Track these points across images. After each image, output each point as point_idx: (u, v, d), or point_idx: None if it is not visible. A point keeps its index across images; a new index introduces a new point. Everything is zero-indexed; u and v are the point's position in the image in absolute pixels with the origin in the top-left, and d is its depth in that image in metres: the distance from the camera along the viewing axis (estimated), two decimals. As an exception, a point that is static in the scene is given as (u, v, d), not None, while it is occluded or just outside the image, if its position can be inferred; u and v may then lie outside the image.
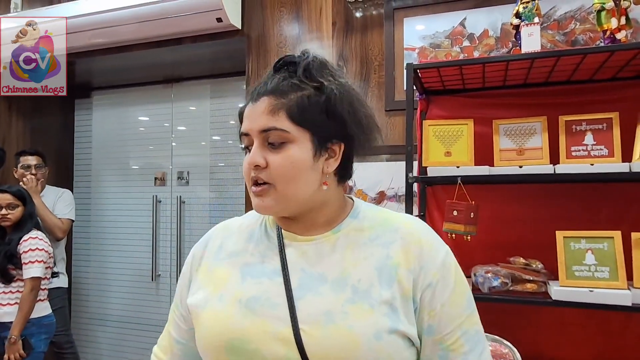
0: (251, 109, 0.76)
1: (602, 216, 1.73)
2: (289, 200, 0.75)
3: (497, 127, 1.75)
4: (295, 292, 0.74)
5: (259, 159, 0.73)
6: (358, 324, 0.69)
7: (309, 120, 0.74)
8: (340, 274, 0.74)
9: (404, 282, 0.73)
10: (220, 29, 2.52)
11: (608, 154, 1.60)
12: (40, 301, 2.37)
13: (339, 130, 0.76)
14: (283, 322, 0.71)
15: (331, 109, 0.74)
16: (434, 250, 0.76)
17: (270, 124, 0.73)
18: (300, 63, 0.76)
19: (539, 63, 1.65)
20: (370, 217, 0.81)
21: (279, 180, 0.73)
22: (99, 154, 3.69)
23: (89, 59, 2.97)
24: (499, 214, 1.85)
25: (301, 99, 0.73)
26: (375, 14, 2.30)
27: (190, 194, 3.36)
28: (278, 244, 0.79)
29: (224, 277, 0.80)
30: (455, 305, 0.75)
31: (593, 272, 1.51)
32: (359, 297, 0.72)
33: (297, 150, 0.73)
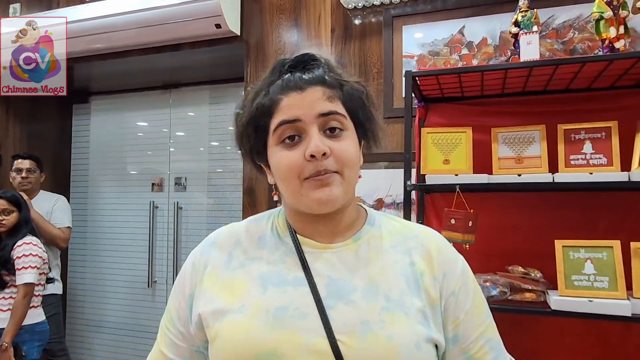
0: (298, 97, 0.70)
1: (601, 225, 1.72)
2: (350, 190, 0.74)
3: (496, 135, 1.75)
4: (325, 302, 0.70)
5: (325, 147, 0.69)
6: (397, 333, 0.67)
7: (356, 112, 0.75)
8: (370, 282, 0.72)
9: (430, 290, 0.72)
10: (219, 35, 2.52)
11: (607, 162, 1.60)
12: (33, 308, 2.35)
13: (369, 127, 0.77)
14: (316, 333, 0.67)
15: (367, 106, 0.77)
16: (453, 259, 0.77)
17: (331, 108, 0.71)
18: (323, 61, 0.75)
19: (538, 71, 1.65)
20: (386, 224, 0.80)
21: (347, 165, 0.71)
22: (96, 159, 3.68)
23: (87, 64, 2.97)
24: (497, 222, 1.84)
25: (351, 91, 0.74)
26: (374, 22, 2.31)
27: (188, 200, 3.35)
28: (297, 251, 0.75)
29: (241, 287, 0.74)
30: (477, 313, 0.75)
31: (592, 281, 1.50)
32: (394, 306, 0.70)
33: (351, 138, 0.73)
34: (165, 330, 0.81)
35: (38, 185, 2.94)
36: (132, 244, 3.47)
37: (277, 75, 0.74)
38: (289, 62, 0.75)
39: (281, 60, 0.76)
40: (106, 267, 3.54)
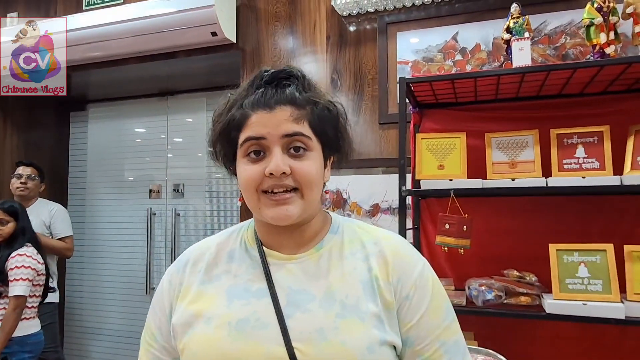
0: (265, 116, 0.73)
1: (594, 229, 1.74)
2: (310, 207, 0.76)
3: (490, 140, 1.77)
4: (285, 311, 0.73)
5: (285, 166, 0.72)
6: (350, 339, 0.70)
7: (324, 132, 0.77)
8: (327, 290, 0.75)
9: (386, 294, 0.75)
10: (215, 42, 2.53)
11: (599, 167, 1.61)
12: (25, 319, 2.32)
13: (339, 145, 0.80)
14: (275, 342, 0.71)
15: (340, 125, 0.79)
16: (411, 263, 0.78)
17: (296, 129, 0.73)
18: (299, 77, 0.77)
19: (530, 77, 1.67)
20: (349, 231, 0.83)
21: (305, 185, 0.74)
22: (94, 166, 3.68)
23: (84, 72, 2.99)
24: (492, 226, 1.85)
25: (321, 111, 0.76)
26: (368, 29, 2.33)
27: (186, 207, 3.36)
28: (262, 263, 0.79)
29: (209, 301, 0.78)
30: (433, 317, 0.76)
31: (586, 285, 1.51)
32: (349, 312, 0.73)
33: (315, 159, 0.75)
34: (148, 346, 0.85)
35: (36, 193, 2.94)
36: (129, 250, 3.47)
37: (253, 89, 0.76)
38: (265, 77, 0.77)
39: (261, 72, 0.78)
40: (104, 274, 3.54)
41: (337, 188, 2.30)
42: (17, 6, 3.21)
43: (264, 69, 0.79)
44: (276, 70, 0.78)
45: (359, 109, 2.31)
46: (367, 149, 2.27)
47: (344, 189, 2.29)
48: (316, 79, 2.54)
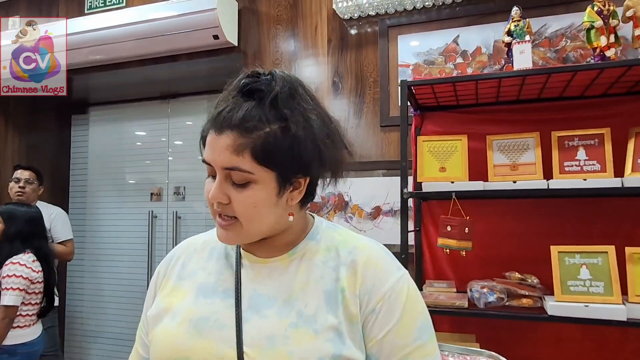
0: (214, 139, 0.70)
1: (595, 231, 1.74)
2: (252, 235, 0.75)
3: (491, 142, 1.77)
4: (244, 314, 0.73)
5: (221, 196, 0.71)
6: (299, 350, 0.68)
7: (274, 161, 0.70)
8: (289, 297, 0.73)
9: (350, 306, 0.72)
10: (217, 45, 2.54)
11: (600, 169, 1.62)
12: (19, 328, 2.28)
13: (304, 168, 0.73)
14: (228, 344, 0.70)
15: (296, 150, 0.71)
16: (383, 275, 0.74)
17: (233, 163, 0.69)
18: (269, 92, 0.70)
19: (531, 80, 1.68)
20: (328, 238, 0.80)
21: (243, 217, 0.72)
22: (95, 169, 3.69)
23: (86, 76, 2.99)
24: (493, 229, 1.85)
25: (266, 138, 0.69)
26: (370, 32, 2.34)
27: (187, 210, 3.36)
28: (235, 264, 0.79)
29: (181, 296, 0.79)
30: (401, 335, 0.71)
31: (588, 287, 1.52)
32: (303, 322, 0.70)
33: (261, 190, 0.71)
34: (140, 331, 0.89)
35: (35, 197, 2.94)
36: (131, 253, 3.47)
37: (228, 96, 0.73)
38: (239, 86, 0.72)
39: (242, 76, 0.73)
40: (105, 278, 3.54)
41: (339, 191, 2.31)
42: (19, 10, 3.22)
43: (247, 73, 0.74)
44: (246, 81, 0.72)
45: (361, 112, 2.31)
46: (368, 152, 2.27)
47: (345, 192, 2.30)
48: (317, 82, 2.53)
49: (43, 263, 2.39)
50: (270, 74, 0.73)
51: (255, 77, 0.72)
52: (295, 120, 0.71)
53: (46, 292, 2.39)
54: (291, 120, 0.70)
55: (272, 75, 0.72)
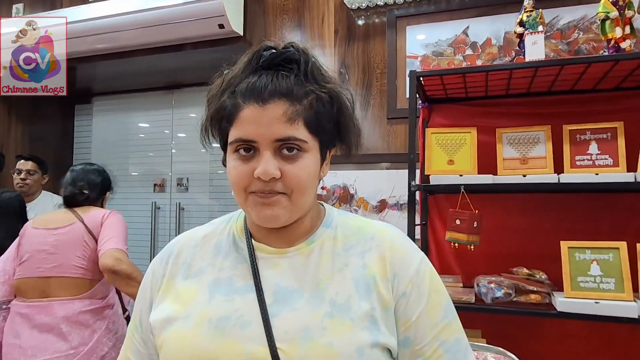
0: (259, 111, 0.66)
1: (605, 227, 1.71)
2: (299, 210, 0.71)
3: (501, 135, 1.74)
4: (270, 309, 0.69)
5: (276, 172, 0.66)
6: (338, 340, 0.66)
7: (322, 129, 0.70)
8: (317, 287, 0.70)
9: (383, 291, 0.70)
10: (222, 35, 2.51)
11: (613, 163, 1.59)
12: None
13: (339, 137, 0.74)
14: (257, 342, 0.66)
15: (340, 118, 0.72)
16: (407, 258, 0.73)
17: (289, 133, 0.66)
18: (304, 62, 0.69)
19: (543, 72, 1.64)
20: (343, 225, 0.78)
21: (296, 190, 0.68)
22: (98, 159, 3.65)
23: (90, 65, 2.97)
24: (502, 223, 1.83)
25: (317, 106, 0.68)
26: (377, 22, 2.30)
27: (190, 201, 3.34)
28: (249, 257, 0.74)
29: (191, 296, 0.73)
30: (431, 315, 0.71)
31: (598, 283, 1.49)
32: (338, 311, 0.68)
33: (311, 159, 0.69)
34: (131, 336, 0.82)
35: (38, 187, 2.93)
36: (134, 244, 3.44)
37: (248, 71, 0.69)
38: (264, 58, 0.69)
39: (260, 50, 0.71)
40: (107, 268, 3.53)
41: (344, 183, 2.28)
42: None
43: (264, 45, 0.71)
44: (276, 52, 0.70)
45: (367, 104, 2.28)
46: (375, 144, 2.25)
47: (351, 184, 2.27)
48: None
49: None
50: (292, 46, 0.71)
51: (283, 49, 0.70)
52: (334, 88, 0.71)
53: None
54: (331, 87, 0.70)
55: (295, 47, 0.71)
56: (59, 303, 1.74)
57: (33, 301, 1.76)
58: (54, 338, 1.71)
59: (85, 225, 1.84)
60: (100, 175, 2.06)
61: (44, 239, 1.82)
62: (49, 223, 1.86)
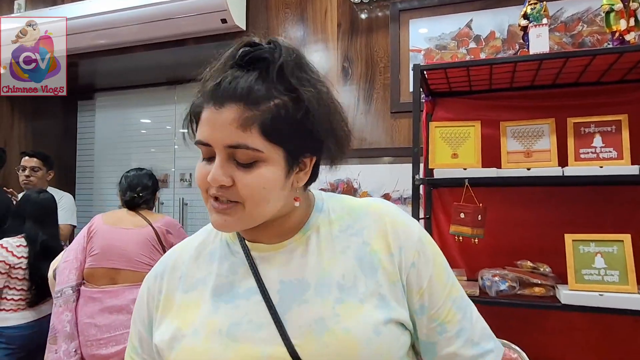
0: (214, 114, 0.62)
1: (609, 220, 1.71)
2: (255, 220, 0.67)
3: (505, 129, 1.74)
4: (279, 307, 0.67)
5: (224, 178, 0.63)
6: (353, 324, 0.65)
7: (284, 137, 0.64)
8: (321, 274, 0.69)
9: (388, 266, 0.69)
10: (225, 30, 2.51)
11: (617, 156, 1.58)
12: (4, 311, 2.29)
13: (314, 145, 0.68)
14: (273, 342, 0.65)
15: (308, 125, 0.65)
16: (408, 228, 0.73)
17: (240, 140, 0.62)
18: (274, 61, 0.63)
19: (547, 64, 1.64)
20: (334, 207, 0.76)
21: (248, 201, 0.64)
22: (101, 155, 3.68)
23: (92, 60, 2.97)
24: (506, 217, 1.83)
25: (277, 111, 0.62)
26: (380, 16, 2.30)
27: (193, 196, 3.35)
28: (246, 259, 0.71)
29: (194, 309, 0.71)
30: (440, 278, 0.72)
31: (603, 275, 1.49)
32: (347, 295, 0.67)
33: (269, 169, 0.64)
34: (130, 358, 0.79)
35: (43, 184, 2.93)
36: (137, 240, 3.47)
37: (223, 68, 0.65)
38: (238, 55, 0.65)
39: (239, 45, 0.66)
40: (112, 264, 3.54)
41: (348, 177, 2.29)
42: (24, -7, 3.19)
43: (244, 41, 0.67)
44: (249, 49, 0.65)
45: (371, 98, 2.28)
46: (378, 138, 2.25)
47: (354, 179, 2.28)
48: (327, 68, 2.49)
49: (32, 249, 2.36)
50: (271, 42, 0.66)
51: (256, 46, 0.65)
52: (307, 91, 0.64)
53: (34, 280, 2.35)
54: (302, 91, 0.64)
55: (274, 43, 0.65)
56: (128, 288, 2.06)
57: (104, 287, 2.07)
58: (124, 317, 2.01)
59: (155, 231, 2.17)
60: (151, 178, 2.34)
61: (116, 235, 2.14)
62: (120, 222, 2.19)
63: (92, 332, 2.02)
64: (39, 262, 2.36)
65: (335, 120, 0.69)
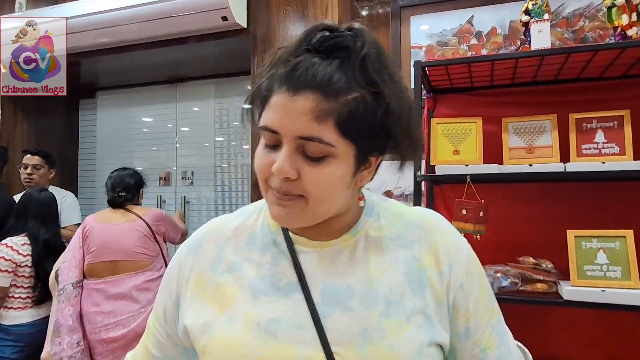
0: (288, 101, 0.58)
1: (611, 216, 1.71)
2: (317, 217, 0.64)
3: (506, 125, 1.73)
4: (320, 309, 0.63)
5: (291, 171, 0.59)
6: (398, 342, 0.62)
7: (359, 133, 0.60)
8: (369, 284, 0.65)
9: (436, 285, 0.66)
10: (226, 27, 2.51)
11: (619, 152, 1.58)
12: (12, 309, 2.33)
13: (386, 144, 0.64)
14: (311, 345, 0.62)
15: (387, 123, 0.61)
16: (457, 245, 0.70)
17: (314, 133, 0.57)
18: (356, 51, 0.59)
19: (549, 60, 1.63)
20: (385, 213, 0.72)
21: (313, 196, 0.61)
22: (103, 154, 3.69)
23: (93, 59, 2.97)
24: (508, 213, 1.82)
25: (356, 105, 0.58)
26: (381, 12, 2.29)
27: (195, 194, 3.36)
28: (289, 252, 0.68)
29: (230, 295, 0.67)
30: (484, 301, 0.69)
31: (605, 271, 1.49)
32: (394, 310, 0.63)
33: (338, 166, 0.60)
34: (152, 328, 0.78)
35: (46, 182, 2.94)
36: (140, 238, 3.47)
37: (297, 52, 0.60)
38: (316, 40, 0.60)
39: (314, 29, 0.62)
40: (114, 262, 3.55)
41: (349, 175, 2.28)
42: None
43: (320, 24, 0.62)
44: (328, 35, 0.60)
45: (372, 95, 2.28)
46: (379, 135, 2.24)
47: (356, 176, 2.28)
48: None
49: (36, 248, 2.38)
50: (352, 29, 0.61)
51: (335, 31, 0.60)
52: (388, 88, 0.60)
53: (40, 278, 2.37)
54: (383, 87, 0.59)
55: (355, 31, 0.60)
56: (128, 277, 2.22)
57: (105, 278, 2.22)
58: (127, 302, 2.18)
59: (146, 223, 2.33)
60: (133, 177, 2.47)
61: (110, 232, 2.28)
62: (111, 220, 2.34)
63: (99, 319, 2.16)
64: (42, 260, 2.38)
65: (412, 119, 0.66)
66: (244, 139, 3.17)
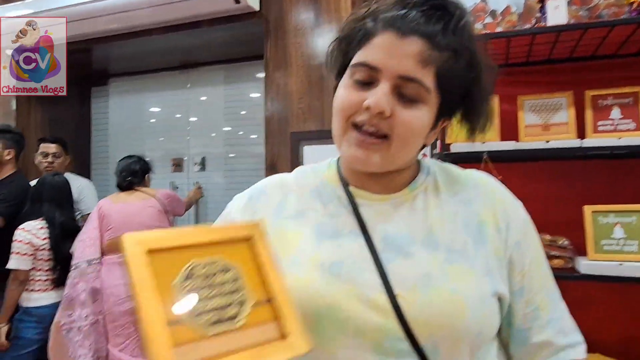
0: (396, 41, 0.61)
1: (629, 191, 1.71)
2: (395, 161, 0.67)
3: (522, 102, 1.74)
4: (383, 255, 0.65)
5: (387, 107, 0.61)
6: (461, 286, 0.63)
7: (451, 87, 0.64)
8: (429, 233, 0.67)
9: (495, 241, 0.68)
10: (238, 11, 2.52)
11: (635, 127, 1.59)
12: (34, 292, 2.39)
13: (462, 108, 0.69)
14: (374, 288, 0.63)
15: (474, 87, 0.66)
16: (515, 207, 0.73)
17: (417, 75, 0.61)
18: (457, 17, 0.63)
19: (565, 37, 1.63)
20: (441, 172, 0.75)
21: (399, 138, 0.63)
22: (116, 140, 3.72)
23: (105, 45, 2.99)
24: (524, 191, 1.77)
25: (455, 61, 0.63)
26: (394, -6, 2.28)
27: (208, 180, 3.38)
28: (350, 203, 0.70)
29: (293, 239, 0.70)
30: (539, 264, 0.72)
31: (622, 245, 1.50)
32: (457, 258, 0.65)
33: (426, 113, 0.64)
34: None
35: (63, 169, 2.98)
36: (153, 224, 3.51)
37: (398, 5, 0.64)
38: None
39: None
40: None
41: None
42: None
43: None
44: None
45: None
46: (393, 117, 2.25)
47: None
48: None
49: (53, 231, 2.44)
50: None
51: None
52: (481, 54, 0.66)
53: (58, 260, 2.44)
54: (477, 54, 0.65)
55: None
56: None
57: None
58: None
59: (159, 200, 2.59)
60: (138, 163, 2.68)
61: (128, 209, 2.50)
62: (127, 200, 2.56)
63: (123, 290, 2.29)
64: (60, 243, 2.44)
65: (492, 95, 0.71)
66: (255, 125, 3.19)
